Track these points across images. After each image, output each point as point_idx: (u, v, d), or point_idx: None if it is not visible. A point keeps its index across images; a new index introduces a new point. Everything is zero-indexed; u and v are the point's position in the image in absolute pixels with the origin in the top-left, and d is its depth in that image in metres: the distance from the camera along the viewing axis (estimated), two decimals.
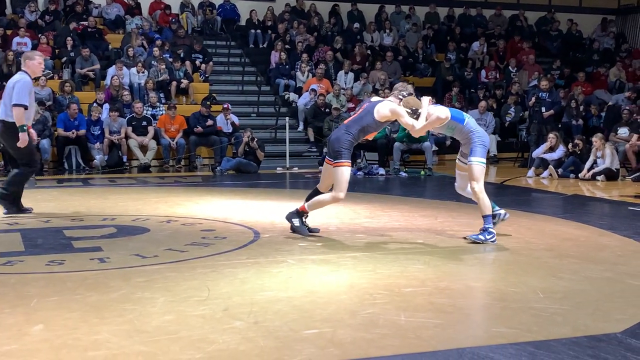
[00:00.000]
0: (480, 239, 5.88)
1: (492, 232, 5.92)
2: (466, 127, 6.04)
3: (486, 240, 5.87)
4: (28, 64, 7.50)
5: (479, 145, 5.98)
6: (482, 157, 5.98)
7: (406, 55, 18.16)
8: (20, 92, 7.20)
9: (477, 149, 5.97)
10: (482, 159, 5.98)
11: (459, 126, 6.05)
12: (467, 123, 6.06)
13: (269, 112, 15.97)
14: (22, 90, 7.22)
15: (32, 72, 7.52)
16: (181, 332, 3.55)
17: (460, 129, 6.08)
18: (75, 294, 4.30)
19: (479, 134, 6.04)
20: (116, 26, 17.29)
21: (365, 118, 6.09)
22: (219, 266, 5.04)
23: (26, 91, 7.25)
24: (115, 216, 7.44)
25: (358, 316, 3.83)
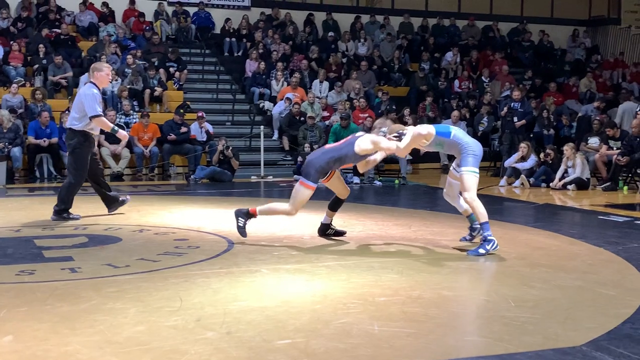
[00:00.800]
0: (481, 252, 5.80)
1: (492, 239, 5.85)
2: (454, 140, 6.05)
3: (488, 252, 5.79)
4: (96, 75, 7.74)
5: (470, 155, 5.99)
6: (473, 166, 5.95)
7: (380, 65, 18.26)
8: (91, 104, 7.53)
9: (467, 158, 5.97)
10: (473, 168, 5.95)
11: (446, 141, 6.07)
12: (455, 135, 6.06)
13: (244, 121, 15.94)
14: (92, 102, 7.54)
15: (100, 83, 7.79)
16: (153, 342, 3.53)
17: (449, 143, 6.09)
18: (46, 305, 4.25)
19: (468, 144, 6.03)
20: (89, 33, 17.16)
21: (345, 149, 6.18)
22: (192, 276, 5.02)
23: (96, 102, 7.57)
24: (86, 225, 7.37)
25: (331, 326, 3.83)
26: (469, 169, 5.94)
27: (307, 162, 6.30)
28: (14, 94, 13.53)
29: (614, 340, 3.61)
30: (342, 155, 6.19)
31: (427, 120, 16.00)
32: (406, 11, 20.56)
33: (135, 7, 18.14)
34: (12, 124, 12.46)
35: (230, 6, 19.55)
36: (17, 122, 12.84)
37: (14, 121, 12.61)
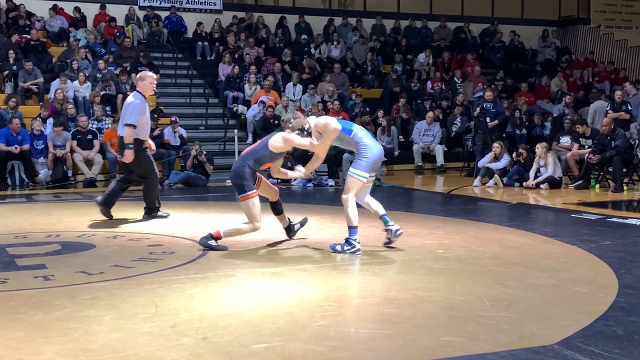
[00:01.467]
0: (337, 249, 5.93)
1: (354, 244, 5.91)
2: (354, 139, 6.08)
3: (343, 251, 5.90)
4: (140, 84, 8.08)
5: (363, 158, 6.00)
6: (362, 170, 5.97)
7: (354, 67, 18.30)
8: (132, 112, 7.82)
9: (359, 162, 6.00)
10: (360, 172, 5.96)
11: (346, 137, 6.11)
12: (355, 134, 6.10)
13: (218, 125, 15.89)
14: (134, 111, 7.83)
15: (145, 92, 8.04)
16: (128, 350, 3.50)
17: (348, 140, 6.13)
18: (19, 313, 4.20)
19: (366, 147, 6.03)
20: (60, 39, 16.99)
21: (261, 151, 6.18)
22: (167, 282, 4.99)
23: (137, 112, 7.83)
24: (60, 232, 7.29)
25: (308, 329, 3.83)
26: (356, 172, 5.96)
27: (233, 177, 6.21)
28: None
29: (588, 338, 3.65)
30: (259, 156, 6.15)
31: (401, 122, 16.09)
32: (378, 13, 20.65)
33: (106, 12, 17.98)
34: None
35: (202, 10, 19.48)
36: None
37: None
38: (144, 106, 7.97)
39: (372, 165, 6.05)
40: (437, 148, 15.05)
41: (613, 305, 4.29)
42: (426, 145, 15.09)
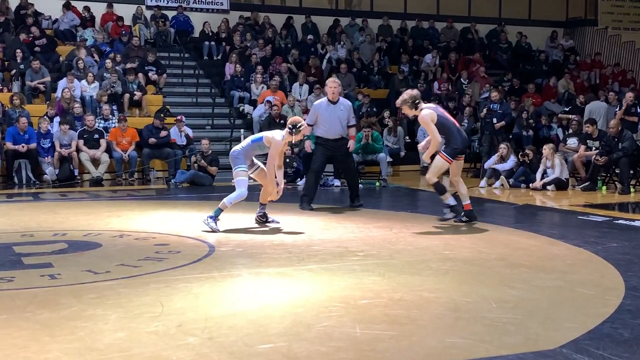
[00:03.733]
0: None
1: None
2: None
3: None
4: (325, 90, 9.25)
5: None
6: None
7: (360, 68, 18.30)
8: (310, 114, 9.35)
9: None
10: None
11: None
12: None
13: (224, 124, 15.90)
14: (310, 112, 9.37)
15: (330, 96, 9.11)
16: (134, 349, 3.50)
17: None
18: (25, 312, 4.21)
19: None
20: (67, 38, 17.04)
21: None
22: (173, 281, 4.99)
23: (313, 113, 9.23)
24: (66, 231, 7.30)
25: (313, 329, 3.83)
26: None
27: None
28: None
29: (595, 341, 3.64)
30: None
31: (408, 122, 16.08)
32: (385, 13, 20.64)
33: (113, 11, 18.03)
34: None
35: (209, 10, 19.51)
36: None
37: None
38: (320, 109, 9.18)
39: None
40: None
41: (620, 308, 4.27)
42: None
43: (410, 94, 7.55)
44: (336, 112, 9.05)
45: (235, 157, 7.33)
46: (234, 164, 7.32)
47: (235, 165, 7.30)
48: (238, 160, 7.29)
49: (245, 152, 7.32)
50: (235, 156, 7.34)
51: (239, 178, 7.24)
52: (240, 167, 7.26)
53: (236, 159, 7.31)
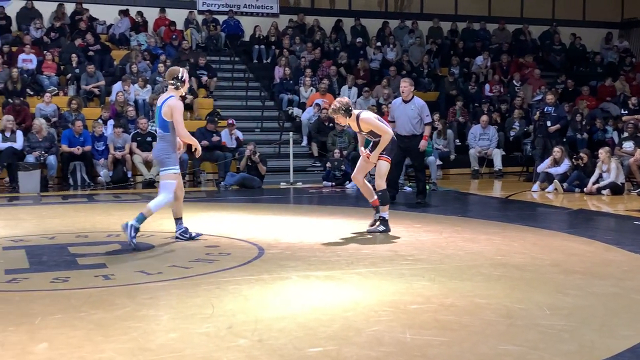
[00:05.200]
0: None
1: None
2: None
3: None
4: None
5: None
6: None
7: (410, 70, 18.19)
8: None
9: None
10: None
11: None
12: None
13: (273, 127, 15.99)
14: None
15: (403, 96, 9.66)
16: (185, 350, 3.54)
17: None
18: (80, 312, 4.30)
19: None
20: (121, 42, 17.38)
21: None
22: (223, 283, 5.04)
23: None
24: (119, 232, 7.40)
25: (363, 334, 3.81)
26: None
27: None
28: (48, 103, 13.72)
29: None
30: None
31: (458, 125, 15.92)
32: (435, 15, 20.48)
33: (166, 16, 18.31)
34: (47, 133, 12.66)
35: (259, 13, 19.65)
36: (52, 130, 13.03)
37: (48, 129, 12.81)
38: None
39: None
40: (495, 152, 14.84)
41: None
42: (483, 149, 14.89)
43: (341, 101, 7.17)
44: (407, 110, 9.65)
45: (167, 156, 6.58)
46: (166, 164, 6.59)
47: (166, 166, 6.60)
48: (170, 161, 6.58)
49: (172, 147, 6.64)
50: (166, 155, 6.58)
51: (168, 181, 6.55)
52: (172, 169, 6.57)
53: (168, 158, 6.58)
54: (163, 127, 6.61)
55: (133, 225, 6.29)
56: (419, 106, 9.65)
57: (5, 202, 10.67)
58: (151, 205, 6.45)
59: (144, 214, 6.39)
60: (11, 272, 5.42)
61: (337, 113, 7.15)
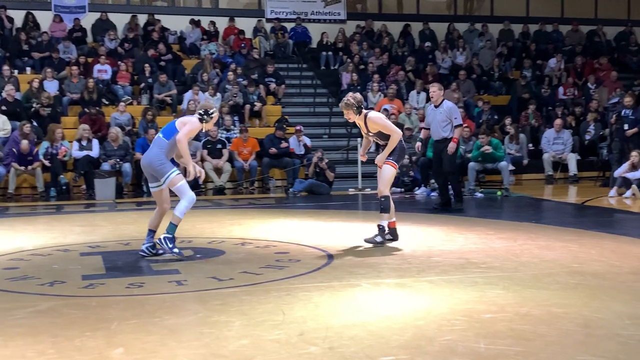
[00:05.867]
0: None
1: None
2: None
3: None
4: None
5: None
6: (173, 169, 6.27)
7: (480, 74, 17.92)
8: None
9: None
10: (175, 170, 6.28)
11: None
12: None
13: (341, 134, 16.00)
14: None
15: (432, 100, 9.78)
16: (257, 357, 3.55)
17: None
18: (154, 317, 4.37)
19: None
20: (191, 52, 17.73)
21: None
22: (294, 289, 5.04)
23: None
24: (191, 238, 7.55)
25: (436, 343, 3.75)
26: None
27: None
28: (122, 112, 14.10)
29: None
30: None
31: (531, 129, 15.57)
32: (506, 18, 20.12)
33: (235, 25, 18.59)
34: (122, 141, 13.00)
35: (326, 20, 19.72)
36: (126, 139, 13.38)
37: (122, 138, 13.15)
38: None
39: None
40: (570, 156, 14.43)
41: None
42: (557, 154, 14.51)
43: (355, 97, 6.90)
44: (436, 115, 9.65)
45: (161, 162, 6.23)
46: (163, 170, 6.22)
47: (164, 173, 6.23)
48: (166, 166, 6.23)
49: (166, 155, 6.30)
50: (160, 161, 6.23)
51: (179, 184, 6.27)
52: (173, 172, 6.24)
53: (162, 165, 6.23)
54: (167, 134, 6.32)
55: (166, 237, 6.16)
56: (447, 109, 9.55)
57: (82, 209, 11.00)
58: (177, 212, 6.25)
59: (173, 222, 6.23)
60: (88, 278, 5.56)
61: (349, 108, 6.87)
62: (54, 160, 12.49)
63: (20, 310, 4.55)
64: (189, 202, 6.26)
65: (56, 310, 4.55)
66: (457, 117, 9.57)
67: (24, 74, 15.51)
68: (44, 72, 15.12)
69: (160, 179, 6.28)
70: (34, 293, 5.08)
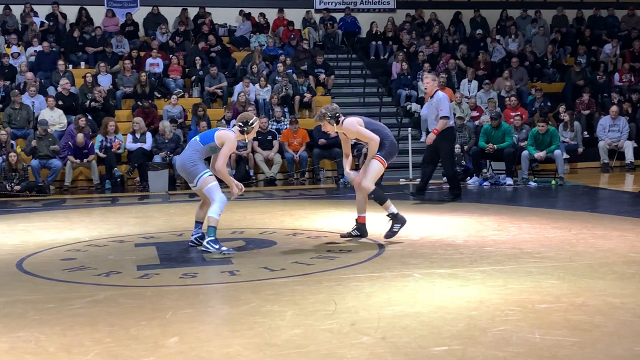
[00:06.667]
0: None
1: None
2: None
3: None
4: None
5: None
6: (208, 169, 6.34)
7: (533, 61, 17.60)
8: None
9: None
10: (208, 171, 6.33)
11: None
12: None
13: (391, 123, 15.85)
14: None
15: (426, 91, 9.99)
16: (310, 346, 3.57)
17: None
18: (208, 307, 4.43)
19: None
20: (241, 44, 17.85)
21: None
22: (345, 280, 5.05)
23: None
24: (243, 229, 7.62)
25: (489, 333, 3.71)
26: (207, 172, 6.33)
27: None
28: (174, 105, 14.28)
29: None
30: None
31: (586, 118, 15.24)
32: (559, 3, 19.71)
33: (284, 16, 18.64)
34: (172, 134, 13.18)
35: (376, 9, 19.63)
36: (177, 131, 13.55)
37: (174, 131, 13.33)
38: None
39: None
40: (626, 144, 14.08)
41: None
42: (613, 142, 14.17)
43: (328, 107, 6.66)
44: (430, 107, 9.85)
45: (194, 164, 6.29)
46: (195, 172, 6.28)
47: (197, 174, 6.27)
48: (199, 167, 6.28)
49: (200, 157, 6.35)
50: (192, 163, 6.29)
51: (211, 184, 6.26)
52: (205, 173, 6.28)
53: (195, 166, 6.28)
54: (205, 140, 6.38)
55: (209, 241, 6.07)
56: (436, 100, 9.57)
57: (136, 201, 11.21)
58: (211, 215, 6.15)
59: (211, 225, 6.14)
60: (143, 268, 5.67)
61: (322, 119, 6.63)
62: (108, 153, 12.75)
63: (78, 300, 4.67)
64: (221, 202, 6.21)
65: (113, 300, 4.65)
66: (443, 108, 9.49)
67: (79, 69, 15.85)
68: (97, 66, 15.44)
69: (193, 180, 6.31)
70: (91, 283, 5.21)
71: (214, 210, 6.15)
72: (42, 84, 14.69)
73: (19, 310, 4.45)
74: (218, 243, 6.09)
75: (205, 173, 6.27)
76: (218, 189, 6.26)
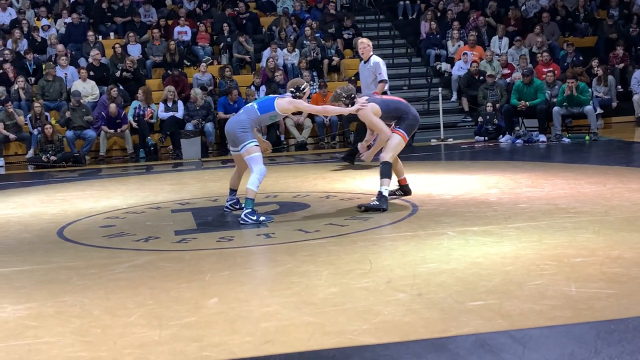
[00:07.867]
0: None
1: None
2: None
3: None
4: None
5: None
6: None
7: (564, 15, 17.25)
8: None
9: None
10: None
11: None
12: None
13: (421, 84, 15.79)
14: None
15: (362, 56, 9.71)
16: (346, 304, 3.63)
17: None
18: (245, 269, 4.52)
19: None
20: (267, 9, 17.77)
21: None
22: (379, 239, 5.10)
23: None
24: (277, 193, 7.70)
25: (525, 287, 3.74)
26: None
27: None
28: (204, 72, 14.33)
29: None
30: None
31: (620, 72, 14.96)
32: None
33: None
34: (203, 102, 13.25)
35: None
36: (208, 99, 13.62)
37: (205, 98, 13.40)
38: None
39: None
40: None
41: None
42: None
43: (344, 88, 6.57)
44: (364, 71, 9.55)
45: (244, 130, 6.21)
46: (243, 138, 6.18)
47: (244, 140, 6.18)
48: (248, 135, 6.19)
49: (252, 125, 6.28)
50: (243, 129, 6.21)
51: (255, 154, 6.18)
52: (252, 142, 6.19)
53: (245, 133, 6.20)
54: (263, 108, 6.33)
55: (247, 214, 6.00)
56: (372, 65, 9.35)
57: (170, 169, 11.34)
58: (250, 186, 6.09)
59: (249, 197, 6.08)
60: (180, 233, 5.77)
61: (337, 100, 6.57)
62: (141, 122, 12.88)
63: (119, 265, 4.79)
64: (260, 174, 6.16)
65: (152, 264, 4.76)
66: (381, 72, 9.28)
67: (108, 39, 15.93)
68: (126, 36, 15.50)
69: (239, 146, 6.27)
70: (131, 249, 5.33)
71: (253, 182, 6.11)
72: (72, 56, 14.83)
73: (62, 276, 4.58)
74: (255, 214, 6.04)
75: (252, 142, 6.20)
76: (260, 160, 6.21)
